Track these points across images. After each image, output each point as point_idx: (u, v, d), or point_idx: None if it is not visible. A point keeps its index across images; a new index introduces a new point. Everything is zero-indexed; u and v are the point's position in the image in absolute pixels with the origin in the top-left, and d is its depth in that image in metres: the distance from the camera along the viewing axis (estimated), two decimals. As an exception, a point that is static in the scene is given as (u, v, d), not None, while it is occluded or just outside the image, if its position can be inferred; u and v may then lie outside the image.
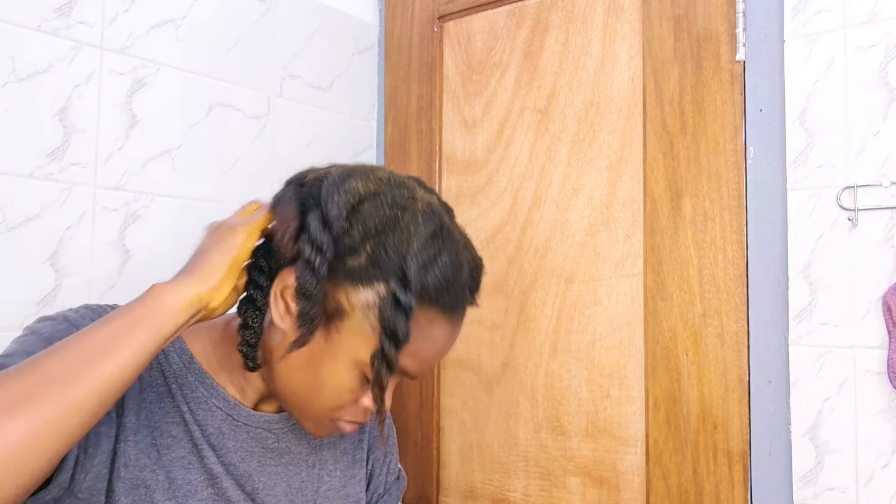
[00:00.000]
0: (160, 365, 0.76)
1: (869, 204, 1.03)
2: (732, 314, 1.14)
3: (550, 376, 1.32)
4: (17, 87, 1.08)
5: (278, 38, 1.43)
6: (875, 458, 1.01)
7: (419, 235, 0.70)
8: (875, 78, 1.03)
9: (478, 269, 0.78)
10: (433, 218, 0.72)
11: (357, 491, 0.89)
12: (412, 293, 0.68)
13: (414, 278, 0.69)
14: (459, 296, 0.73)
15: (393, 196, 0.72)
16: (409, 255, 0.69)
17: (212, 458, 0.76)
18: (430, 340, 0.73)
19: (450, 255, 0.72)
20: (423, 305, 0.70)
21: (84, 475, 0.68)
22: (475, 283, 0.77)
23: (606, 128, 1.29)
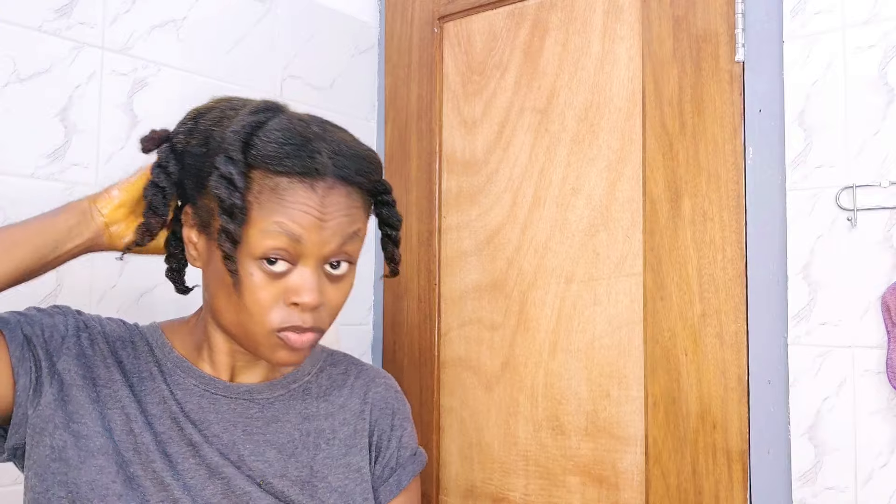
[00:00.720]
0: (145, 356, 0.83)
1: (868, 204, 1.03)
2: (732, 314, 1.14)
3: (550, 376, 1.33)
4: (18, 87, 1.08)
5: (279, 39, 1.43)
6: (874, 457, 1.02)
7: (242, 115, 0.75)
8: (874, 78, 1.03)
9: (347, 146, 0.77)
10: (263, 103, 0.77)
11: (359, 460, 0.88)
12: (234, 163, 0.71)
13: (232, 147, 0.72)
14: (308, 158, 0.73)
15: (229, 103, 0.79)
16: (228, 133, 0.73)
17: (190, 429, 0.79)
18: (294, 206, 0.73)
19: (281, 123, 0.74)
20: (266, 173, 0.73)
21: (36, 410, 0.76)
22: (345, 155, 0.76)
23: (606, 128, 1.29)
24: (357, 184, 0.77)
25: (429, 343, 1.48)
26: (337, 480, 0.85)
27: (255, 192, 0.73)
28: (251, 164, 0.73)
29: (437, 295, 1.48)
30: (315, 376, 0.91)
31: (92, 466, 0.75)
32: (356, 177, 0.77)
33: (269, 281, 0.74)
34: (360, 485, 0.87)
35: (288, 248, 0.73)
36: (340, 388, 0.91)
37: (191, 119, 0.80)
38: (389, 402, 0.94)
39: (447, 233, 1.48)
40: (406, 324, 1.53)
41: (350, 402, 0.91)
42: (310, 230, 0.73)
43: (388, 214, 0.84)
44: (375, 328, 1.60)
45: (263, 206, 0.73)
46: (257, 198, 0.73)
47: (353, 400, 0.91)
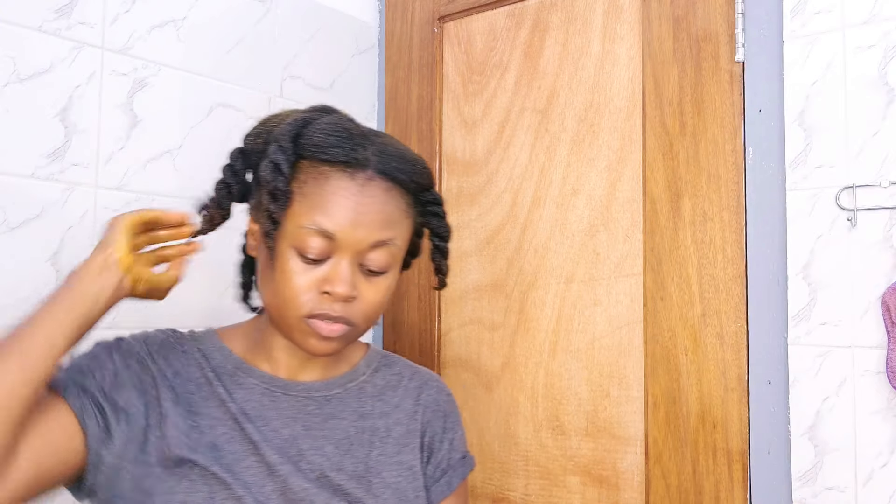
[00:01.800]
0: (198, 363, 0.86)
1: (868, 204, 1.03)
2: (732, 314, 1.14)
3: (550, 376, 1.33)
4: (18, 87, 1.08)
5: (279, 39, 1.43)
6: (874, 457, 1.02)
7: (297, 112, 0.82)
8: (874, 78, 1.03)
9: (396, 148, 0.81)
10: (322, 106, 0.85)
11: (411, 458, 0.90)
12: (283, 150, 0.77)
13: (284, 137, 0.78)
14: (351, 151, 0.77)
15: (292, 111, 0.85)
16: (282, 126, 0.80)
17: (251, 428, 0.82)
18: (334, 195, 0.77)
19: (331, 119, 0.81)
20: (311, 162, 0.78)
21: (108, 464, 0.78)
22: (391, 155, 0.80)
23: (606, 128, 1.29)
24: (398, 181, 0.81)
25: (429, 343, 1.48)
26: (391, 477, 0.87)
27: (301, 181, 0.78)
28: (300, 154, 0.78)
29: (437, 295, 1.48)
30: (370, 376, 0.94)
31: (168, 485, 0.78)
32: (397, 173, 0.80)
33: (305, 268, 0.78)
34: (413, 482, 0.89)
35: (323, 245, 0.77)
36: (395, 388, 0.94)
37: (260, 124, 0.87)
38: (441, 405, 0.97)
39: (447, 233, 1.48)
40: (406, 324, 1.53)
41: (404, 402, 0.94)
42: (344, 224, 0.77)
43: (438, 224, 0.88)
44: (375, 328, 1.60)
45: (306, 196, 0.77)
46: (301, 187, 0.78)
47: (406, 401, 0.94)
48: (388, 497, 0.86)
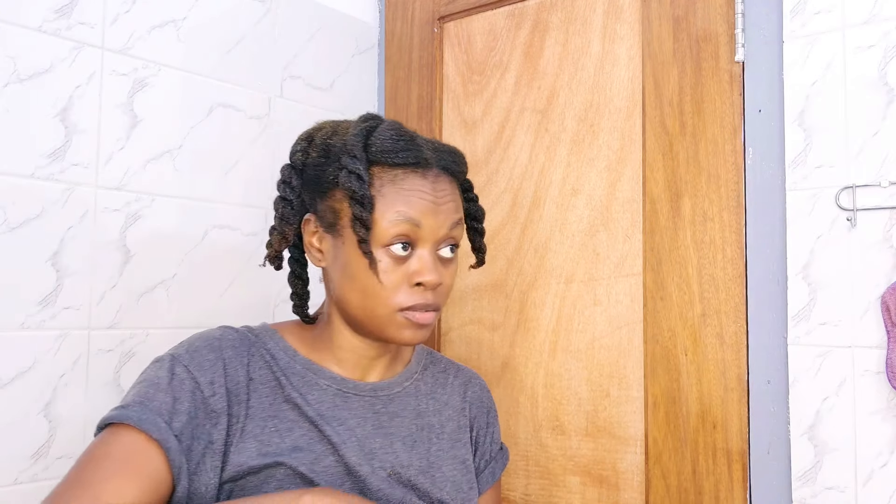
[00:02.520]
0: (268, 364, 0.88)
1: (868, 204, 1.03)
2: (731, 314, 1.14)
3: (550, 376, 1.33)
4: (18, 87, 1.08)
5: (279, 39, 1.43)
6: (874, 457, 1.02)
7: (355, 125, 0.86)
8: (874, 78, 1.03)
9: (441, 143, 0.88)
10: (367, 114, 0.89)
11: (464, 453, 0.97)
12: (359, 160, 0.81)
13: (355, 147, 0.82)
14: (417, 151, 0.83)
15: (335, 122, 0.90)
16: (348, 137, 0.84)
17: (329, 430, 0.85)
18: (411, 193, 0.83)
19: (388, 126, 0.85)
20: (382, 167, 0.83)
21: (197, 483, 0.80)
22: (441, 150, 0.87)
23: (606, 128, 1.29)
24: (456, 174, 0.89)
25: (429, 343, 1.48)
26: (449, 471, 0.93)
27: (377, 185, 0.83)
28: (371, 161, 0.83)
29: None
30: (421, 374, 0.99)
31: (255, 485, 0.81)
32: (454, 167, 0.88)
33: (394, 265, 0.83)
34: (466, 475, 0.96)
35: (409, 234, 0.83)
36: (444, 386, 1.00)
37: (304, 139, 0.90)
38: (485, 402, 1.05)
39: (447, 233, 1.48)
40: (406, 324, 1.53)
41: (452, 399, 1.00)
42: (426, 214, 0.83)
43: (475, 209, 0.95)
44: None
45: (386, 197, 0.82)
46: (379, 191, 0.82)
47: (454, 398, 1.00)
48: (449, 490, 0.92)
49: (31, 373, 1.08)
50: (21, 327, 1.08)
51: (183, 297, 1.26)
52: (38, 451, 1.09)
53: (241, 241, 1.34)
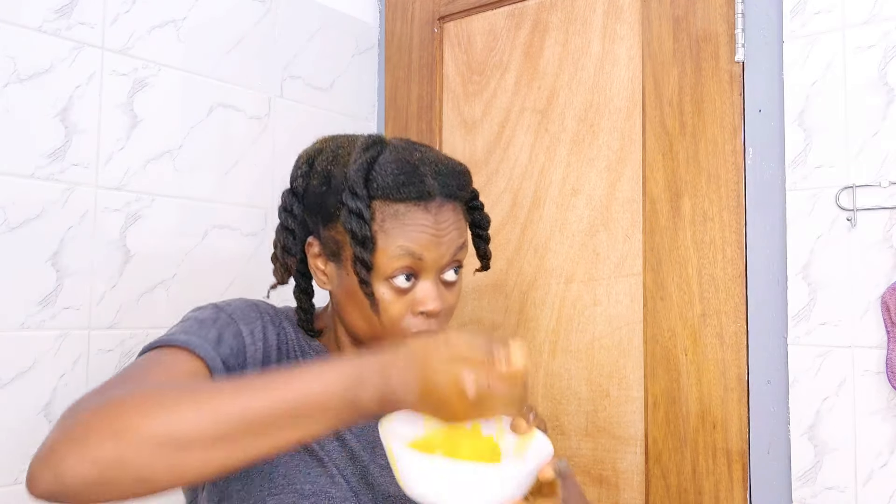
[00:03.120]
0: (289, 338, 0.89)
1: (868, 204, 1.03)
2: (731, 314, 1.14)
3: (550, 376, 1.33)
4: (18, 87, 1.08)
5: (279, 39, 1.43)
6: (874, 457, 1.02)
7: (355, 153, 0.83)
8: (874, 78, 1.03)
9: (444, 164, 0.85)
10: (369, 138, 0.85)
11: None
12: (360, 198, 0.80)
13: (356, 184, 0.80)
14: (419, 184, 0.81)
15: (336, 143, 0.87)
16: (350, 170, 0.81)
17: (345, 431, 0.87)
18: (414, 229, 0.81)
19: (391, 156, 0.83)
20: (386, 202, 0.81)
21: None
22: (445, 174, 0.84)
23: (606, 128, 1.29)
24: (459, 198, 0.87)
25: (429, 343, 1.48)
26: None
27: (379, 220, 0.81)
28: (372, 196, 0.81)
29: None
30: None
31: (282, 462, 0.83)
32: (459, 192, 0.86)
33: (397, 297, 0.83)
34: None
35: (412, 266, 0.82)
36: None
37: (304, 163, 0.87)
38: None
39: (447, 233, 1.48)
40: (406, 324, 1.53)
41: None
42: (429, 247, 0.82)
43: (480, 217, 0.95)
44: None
45: (388, 232, 0.81)
46: (381, 226, 0.81)
47: None
48: None
49: (31, 373, 1.08)
50: (21, 327, 1.08)
51: (183, 297, 1.26)
52: (38, 451, 1.09)
53: (241, 241, 1.34)
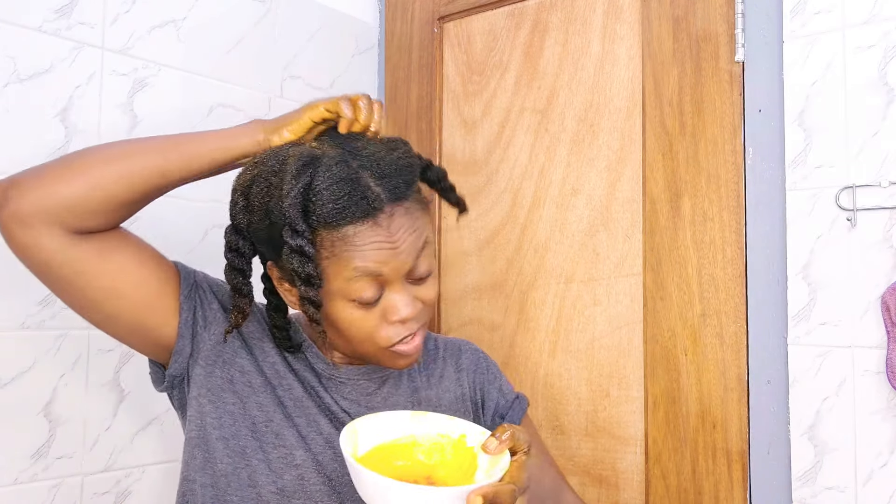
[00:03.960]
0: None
1: (868, 204, 1.03)
2: (731, 314, 1.14)
3: (550, 376, 1.33)
4: (18, 87, 1.08)
5: (279, 39, 1.43)
6: (874, 457, 1.02)
7: (287, 182, 0.76)
8: (874, 79, 1.03)
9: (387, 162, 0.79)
10: (299, 160, 0.78)
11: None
12: (300, 234, 0.74)
13: (294, 219, 0.74)
14: (362, 201, 0.75)
15: (267, 169, 0.80)
16: (285, 203, 0.75)
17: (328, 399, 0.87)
18: (367, 247, 0.76)
19: (325, 176, 0.76)
20: (332, 228, 0.76)
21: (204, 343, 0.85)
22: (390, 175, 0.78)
23: (606, 128, 1.29)
24: (410, 196, 0.81)
25: (429, 343, 1.48)
26: None
27: (328, 247, 0.76)
28: (314, 227, 0.76)
29: (438, 295, 1.48)
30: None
31: (254, 402, 0.84)
32: (406, 190, 0.80)
33: (366, 313, 0.80)
34: None
35: (372, 284, 0.78)
36: (435, 359, 0.99)
37: (240, 196, 0.82)
38: (480, 363, 1.02)
39: (447, 233, 1.48)
40: (406, 324, 1.53)
41: (446, 371, 0.98)
42: (387, 262, 0.78)
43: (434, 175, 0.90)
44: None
45: (339, 257, 0.77)
46: (331, 252, 0.76)
47: (448, 369, 0.99)
48: None
49: (31, 373, 1.08)
50: (21, 327, 1.08)
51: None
52: (38, 451, 1.09)
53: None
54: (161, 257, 0.86)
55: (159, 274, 0.84)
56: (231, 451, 0.83)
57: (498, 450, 0.73)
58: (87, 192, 0.77)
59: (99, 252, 0.79)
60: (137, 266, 0.82)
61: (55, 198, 0.76)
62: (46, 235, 0.76)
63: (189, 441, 0.86)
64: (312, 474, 0.84)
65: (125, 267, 0.81)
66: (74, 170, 0.78)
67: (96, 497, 1.15)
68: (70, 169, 0.78)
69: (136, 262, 0.82)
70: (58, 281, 0.80)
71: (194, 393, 0.85)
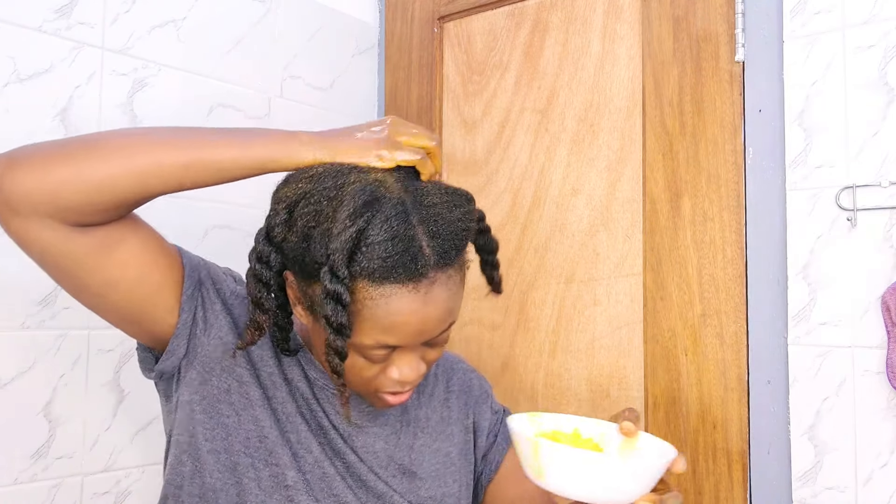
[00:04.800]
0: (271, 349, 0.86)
1: (868, 204, 1.03)
2: (732, 314, 1.14)
3: (550, 376, 1.33)
4: (18, 87, 1.08)
5: (279, 39, 1.43)
6: (874, 457, 1.02)
7: (340, 220, 0.70)
8: (874, 78, 1.03)
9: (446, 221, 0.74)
10: (359, 195, 0.71)
11: (447, 446, 0.93)
12: (341, 280, 0.69)
13: (338, 265, 0.69)
14: (411, 265, 0.71)
15: (322, 190, 0.73)
16: (332, 243, 0.70)
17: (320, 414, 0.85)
18: (397, 314, 0.72)
19: (381, 228, 0.70)
20: (370, 283, 0.71)
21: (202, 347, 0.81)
22: (445, 237, 0.73)
23: (606, 128, 1.29)
24: (455, 263, 0.76)
25: (429, 343, 1.48)
26: (431, 466, 0.91)
27: (360, 302, 0.72)
28: (355, 277, 0.71)
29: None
30: None
31: (249, 416, 0.81)
32: (455, 254, 0.75)
33: (370, 365, 0.77)
34: (449, 468, 0.92)
35: (388, 350, 0.76)
36: (427, 377, 0.96)
37: (284, 210, 0.75)
38: (472, 383, 1.00)
39: (447, 233, 1.48)
40: (406, 324, 1.53)
41: (436, 390, 0.96)
42: (410, 336, 0.74)
43: (486, 242, 0.85)
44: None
45: (367, 318, 0.72)
46: (362, 306, 0.72)
47: (438, 388, 0.97)
48: (430, 485, 0.90)
49: (31, 373, 1.08)
50: (21, 327, 1.08)
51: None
52: (38, 451, 1.09)
53: (241, 241, 1.34)
54: (166, 248, 0.80)
55: (163, 269, 0.78)
56: (222, 466, 0.80)
57: (634, 431, 0.74)
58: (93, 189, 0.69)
59: (100, 246, 0.73)
60: (140, 261, 0.76)
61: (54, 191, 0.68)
62: (43, 227, 0.70)
63: (177, 444, 0.82)
64: (303, 496, 0.80)
65: (128, 261, 0.75)
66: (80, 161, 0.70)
67: (96, 497, 1.15)
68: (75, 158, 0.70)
69: (140, 257, 0.76)
70: (54, 269, 0.74)
71: (185, 397, 0.81)
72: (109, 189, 0.70)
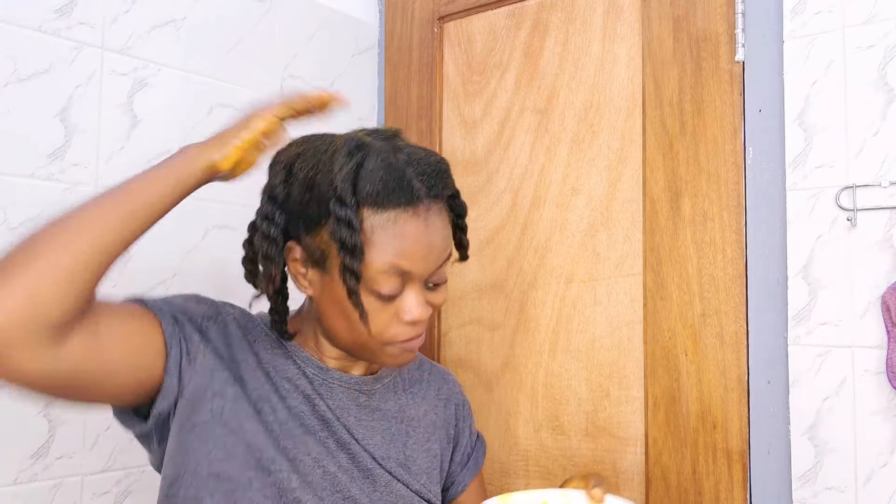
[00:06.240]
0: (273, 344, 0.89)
1: (868, 204, 1.03)
2: (732, 314, 1.14)
3: (550, 376, 1.33)
4: (18, 87, 1.08)
5: (278, 39, 1.43)
6: (874, 457, 1.02)
7: (338, 160, 0.80)
8: (874, 78, 1.03)
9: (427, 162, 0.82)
10: (350, 142, 0.82)
11: (436, 447, 0.99)
12: (349, 206, 0.77)
13: (345, 192, 0.77)
14: (408, 189, 0.79)
15: (314, 147, 0.83)
16: (334, 178, 0.79)
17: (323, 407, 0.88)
18: (404, 238, 0.80)
19: (376, 160, 0.80)
20: (375, 210, 0.79)
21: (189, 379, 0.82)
22: (430, 174, 0.82)
23: (606, 128, 1.29)
24: (443, 198, 0.85)
25: (429, 343, 1.48)
26: (423, 463, 0.96)
27: (367, 230, 0.79)
28: (360, 204, 0.79)
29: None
30: (399, 372, 1.00)
31: (244, 432, 0.82)
32: (442, 191, 0.84)
33: (382, 306, 0.82)
34: (437, 467, 0.99)
35: (398, 281, 0.81)
36: (419, 382, 1.02)
37: (282, 169, 0.84)
38: (459, 398, 1.07)
39: (447, 233, 1.48)
40: (406, 324, 1.53)
41: (428, 394, 1.02)
42: (418, 261, 0.81)
43: (458, 205, 0.91)
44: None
45: (375, 245, 0.79)
46: (370, 237, 0.79)
47: (430, 393, 1.02)
48: (424, 481, 0.95)
49: (30, 373, 1.08)
50: (21, 327, 1.08)
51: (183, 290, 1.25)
52: (38, 451, 1.09)
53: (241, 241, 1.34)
54: (128, 306, 0.80)
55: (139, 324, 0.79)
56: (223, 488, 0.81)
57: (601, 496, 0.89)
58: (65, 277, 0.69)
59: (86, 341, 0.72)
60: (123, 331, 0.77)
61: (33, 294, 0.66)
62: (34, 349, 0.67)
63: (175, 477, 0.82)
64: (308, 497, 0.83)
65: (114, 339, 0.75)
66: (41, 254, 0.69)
67: (96, 497, 1.15)
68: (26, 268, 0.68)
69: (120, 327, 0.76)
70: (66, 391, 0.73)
71: (174, 430, 0.82)
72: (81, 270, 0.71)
